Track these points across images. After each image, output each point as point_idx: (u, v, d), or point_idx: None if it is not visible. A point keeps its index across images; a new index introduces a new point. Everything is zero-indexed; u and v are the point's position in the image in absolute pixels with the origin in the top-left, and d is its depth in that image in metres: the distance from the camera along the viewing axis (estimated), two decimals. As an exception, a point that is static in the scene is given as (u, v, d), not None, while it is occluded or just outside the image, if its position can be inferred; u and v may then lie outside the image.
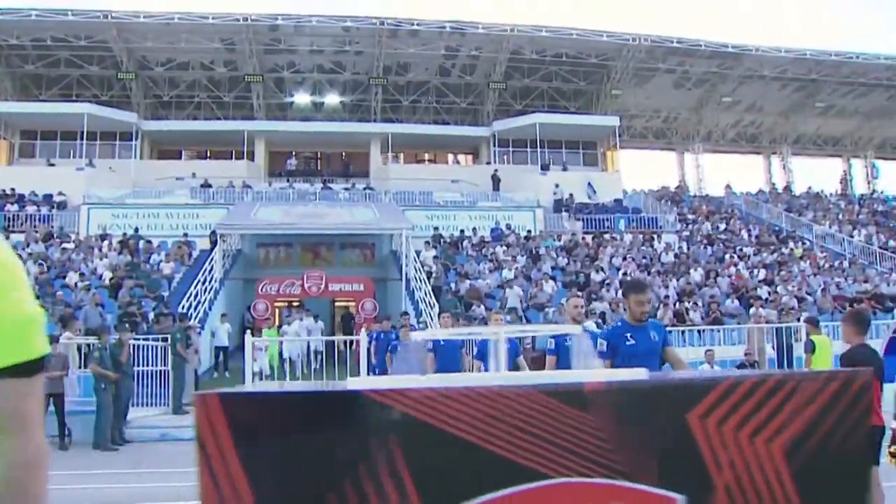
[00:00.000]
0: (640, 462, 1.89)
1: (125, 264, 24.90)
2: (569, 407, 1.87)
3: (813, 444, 1.91)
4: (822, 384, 1.94)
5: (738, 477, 1.89)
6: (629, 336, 6.01)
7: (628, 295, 6.21)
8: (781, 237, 32.87)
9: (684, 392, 1.97)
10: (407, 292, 24.27)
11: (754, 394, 1.91)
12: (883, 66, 41.10)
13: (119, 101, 38.17)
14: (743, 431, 1.90)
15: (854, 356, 6.02)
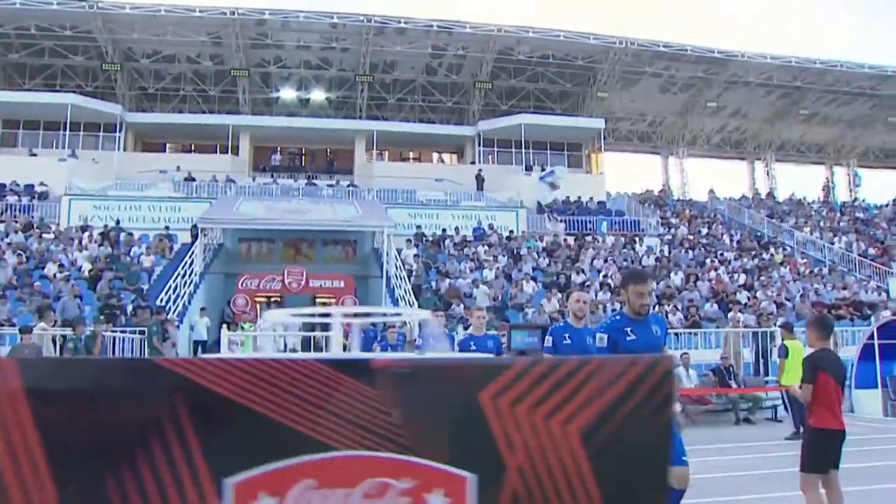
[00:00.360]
0: (430, 439, 1.88)
1: (105, 256, 24.74)
2: (356, 381, 1.88)
3: (611, 428, 1.89)
4: (624, 368, 1.93)
5: (532, 458, 1.88)
6: (629, 330, 5.44)
7: (627, 285, 5.57)
8: (763, 243, 33.03)
9: (477, 372, 1.96)
10: (388, 290, 24.25)
11: (550, 375, 1.90)
12: (866, 76, 41.45)
13: (104, 92, 37.96)
14: (537, 413, 1.88)
15: (816, 360, 6.06)
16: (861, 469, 8.94)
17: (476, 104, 40.43)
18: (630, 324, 5.50)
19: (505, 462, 1.88)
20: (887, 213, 40.16)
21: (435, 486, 1.88)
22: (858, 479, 8.25)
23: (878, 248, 32.94)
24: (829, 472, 5.89)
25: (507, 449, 1.88)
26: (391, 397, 1.89)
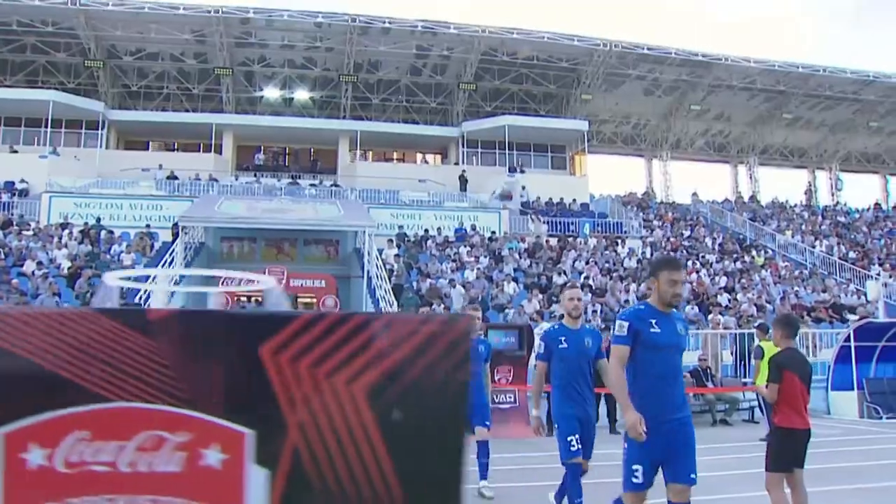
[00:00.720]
0: (206, 392, 1.84)
1: (85, 254, 24.61)
2: (133, 332, 1.83)
3: (401, 387, 1.86)
4: (415, 327, 1.88)
5: (315, 415, 1.84)
6: (654, 322, 4.87)
7: (659, 272, 4.97)
8: (745, 245, 33.17)
9: (258, 325, 1.92)
10: (368, 290, 24.22)
11: (336, 331, 1.85)
12: (849, 81, 41.69)
13: (86, 89, 37.77)
14: (320, 369, 1.84)
15: (782, 360, 6.08)
16: (832, 469, 8.99)
17: (460, 105, 40.44)
18: (656, 315, 4.95)
19: (285, 419, 1.83)
20: (868, 217, 40.43)
21: (212, 441, 1.83)
22: (830, 479, 8.30)
23: (858, 251, 33.15)
24: (794, 471, 5.90)
25: (287, 406, 1.83)
26: (168, 348, 1.83)
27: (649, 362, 4.84)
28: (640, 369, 4.85)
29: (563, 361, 6.48)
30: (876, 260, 31.80)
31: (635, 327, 4.86)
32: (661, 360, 4.87)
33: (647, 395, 4.78)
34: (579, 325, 6.63)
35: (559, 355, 6.48)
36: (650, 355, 4.84)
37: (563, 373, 6.48)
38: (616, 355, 4.87)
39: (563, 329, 6.64)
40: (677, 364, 5.04)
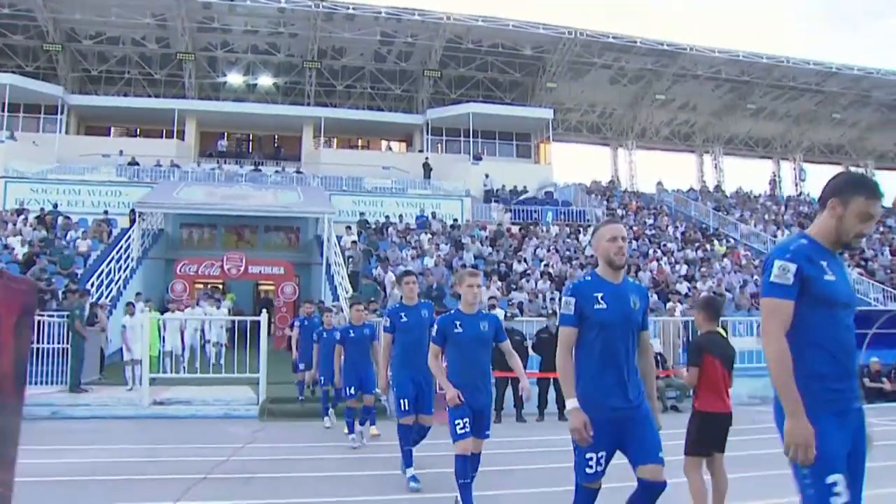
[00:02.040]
0: None
1: (39, 240, 24.25)
2: None
3: None
4: None
5: None
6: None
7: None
8: (708, 235, 33.30)
9: None
10: (327, 277, 24.08)
11: None
12: (812, 72, 42.04)
13: (45, 73, 37.26)
14: None
15: (702, 344, 6.03)
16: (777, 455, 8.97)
17: (425, 92, 40.29)
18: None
19: None
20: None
21: None
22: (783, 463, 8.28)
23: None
24: (714, 456, 5.85)
25: None
26: None
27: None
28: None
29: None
30: (836, 250, 32.03)
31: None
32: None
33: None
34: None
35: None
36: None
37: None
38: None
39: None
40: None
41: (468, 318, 6.40)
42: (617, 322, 4.29)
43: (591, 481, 4.42)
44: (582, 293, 4.34)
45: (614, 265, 4.37)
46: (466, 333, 6.32)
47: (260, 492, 7.42)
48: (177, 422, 12.92)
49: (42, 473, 8.21)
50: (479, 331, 6.39)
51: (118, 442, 10.63)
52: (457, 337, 6.36)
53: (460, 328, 6.38)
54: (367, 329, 10.24)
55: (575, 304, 4.32)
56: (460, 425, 6.05)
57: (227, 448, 9.87)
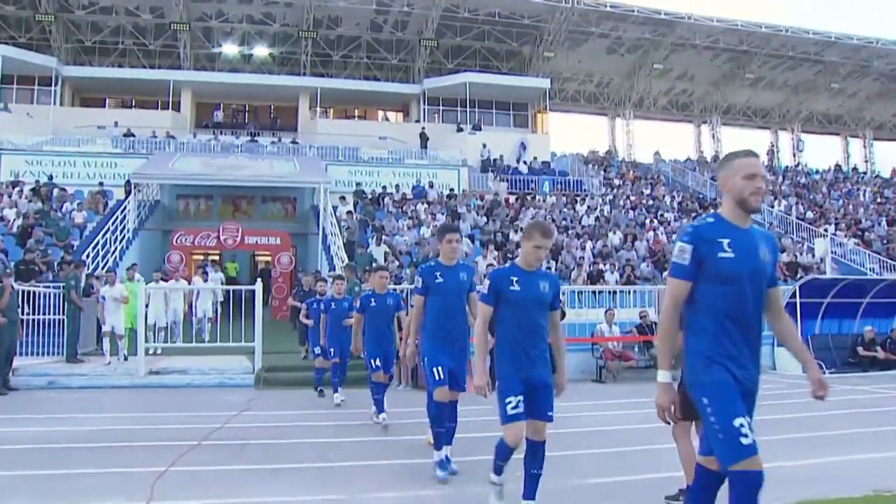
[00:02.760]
0: None
1: (35, 212, 24.18)
2: None
3: None
4: None
5: None
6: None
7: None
8: (705, 205, 33.25)
9: None
10: (324, 247, 24.07)
11: None
12: (811, 41, 41.86)
13: (38, 44, 36.92)
14: None
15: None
16: (771, 421, 9.01)
17: (421, 62, 40.06)
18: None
19: None
20: (829, 178, 40.75)
21: None
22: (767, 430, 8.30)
23: (816, 211, 33.37)
24: (703, 420, 5.85)
25: None
26: None
27: None
28: None
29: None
30: (833, 220, 32.03)
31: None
32: None
33: None
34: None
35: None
36: None
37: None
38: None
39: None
40: None
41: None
42: (745, 275, 3.73)
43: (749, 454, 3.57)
44: (703, 238, 3.75)
45: (748, 207, 3.82)
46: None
47: (254, 458, 7.46)
48: (172, 391, 12.99)
49: (34, 441, 8.28)
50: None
51: (113, 410, 10.70)
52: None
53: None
54: (391, 298, 9.46)
55: (693, 252, 3.73)
56: (512, 404, 5.07)
57: (222, 416, 9.93)
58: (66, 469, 6.87)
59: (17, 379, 13.22)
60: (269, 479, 6.52)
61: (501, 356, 5.20)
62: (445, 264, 6.88)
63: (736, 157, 3.89)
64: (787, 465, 6.45)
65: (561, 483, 5.08)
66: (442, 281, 6.77)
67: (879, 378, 15.62)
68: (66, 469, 6.87)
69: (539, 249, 5.21)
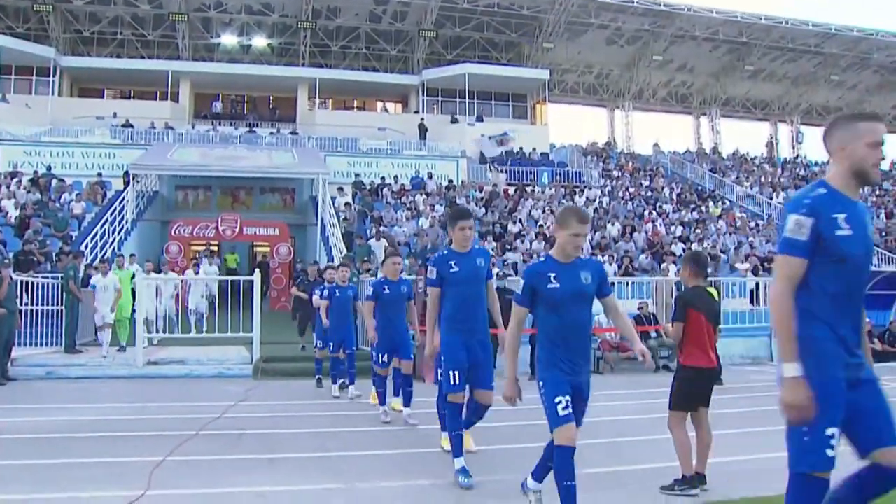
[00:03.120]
0: None
1: (33, 203, 24.17)
2: None
3: None
4: None
5: None
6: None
7: None
8: (704, 196, 33.28)
9: None
10: (322, 238, 24.08)
11: None
12: (811, 33, 41.80)
13: (36, 34, 36.85)
14: None
15: (688, 298, 6.01)
16: (768, 412, 9.03)
17: (420, 53, 40.01)
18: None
19: None
20: (827, 170, 40.69)
21: None
22: (762, 421, 8.36)
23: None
24: (699, 410, 5.86)
25: None
26: None
27: None
28: None
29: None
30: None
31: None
32: None
33: None
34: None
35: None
36: None
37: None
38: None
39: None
40: None
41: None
42: (861, 254, 3.34)
43: (826, 468, 3.21)
44: (821, 212, 3.23)
45: (868, 179, 3.37)
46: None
47: (251, 447, 7.47)
48: (171, 381, 12.98)
49: (32, 430, 8.29)
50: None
51: (111, 401, 10.70)
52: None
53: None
54: (405, 286, 9.14)
55: (813, 227, 3.22)
56: (563, 404, 4.58)
57: (220, 406, 9.93)
58: (64, 458, 6.89)
59: (16, 369, 13.21)
60: (267, 469, 6.54)
61: (543, 357, 4.73)
62: (459, 252, 6.40)
63: (861, 120, 3.35)
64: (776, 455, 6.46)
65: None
66: (457, 270, 6.31)
67: (877, 370, 15.64)
68: (64, 458, 6.89)
69: (577, 237, 4.70)
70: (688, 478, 5.70)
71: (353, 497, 5.65)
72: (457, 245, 6.45)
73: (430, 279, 6.50)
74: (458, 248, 6.44)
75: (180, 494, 5.71)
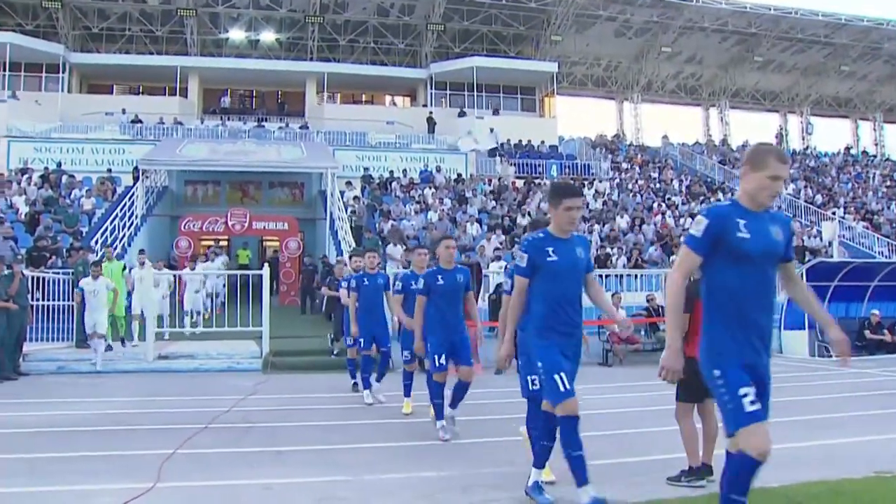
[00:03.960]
0: None
1: (44, 199, 24.30)
2: None
3: None
4: None
5: None
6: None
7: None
8: (713, 188, 33.19)
9: None
10: (331, 232, 24.12)
11: None
12: (821, 24, 41.57)
13: (45, 31, 36.92)
14: None
15: (693, 288, 5.94)
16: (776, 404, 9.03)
17: (428, 46, 39.95)
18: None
19: None
20: (837, 162, 40.58)
21: None
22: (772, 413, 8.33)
23: (825, 194, 33.27)
24: (705, 402, 5.85)
25: None
26: None
27: None
28: None
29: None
30: (842, 203, 31.93)
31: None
32: None
33: None
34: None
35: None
36: None
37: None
38: None
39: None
40: None
41: None
42: None
43: None
44: None
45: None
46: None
47: (259, 440, 7.54)
48: (180, 375, 13.07)
49: (42, 424, 8.37)
50: None
51: (121, 395, 10.79)
52: None
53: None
54: (461, 274, 7.87)
55: None
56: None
57: (230, 399, 10.00)
58: (75, 452, 6.96)
59: (28, 364, 13.34)
60: (274, 462, 6.60)
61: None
62: (558, 236, 5.23)
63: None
64: (790, 446, 6.45)
65: (564, 463, 5.11)
66: (555, 259, 5.16)
67: (886, 361, 15.60)
68: (75, 452, 6.96)
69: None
70: (695, 469, 5.72)
71: (359, 489, 5.68)
72: (557, 228, 5.25)
73: (519, 267, 5.32)
74: (557, 231, 5.26)
75: (189, 486, 5.76)
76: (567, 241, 5.22)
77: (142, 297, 15.40)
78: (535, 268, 5.17)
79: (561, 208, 5.13)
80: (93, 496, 5.48)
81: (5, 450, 7.04)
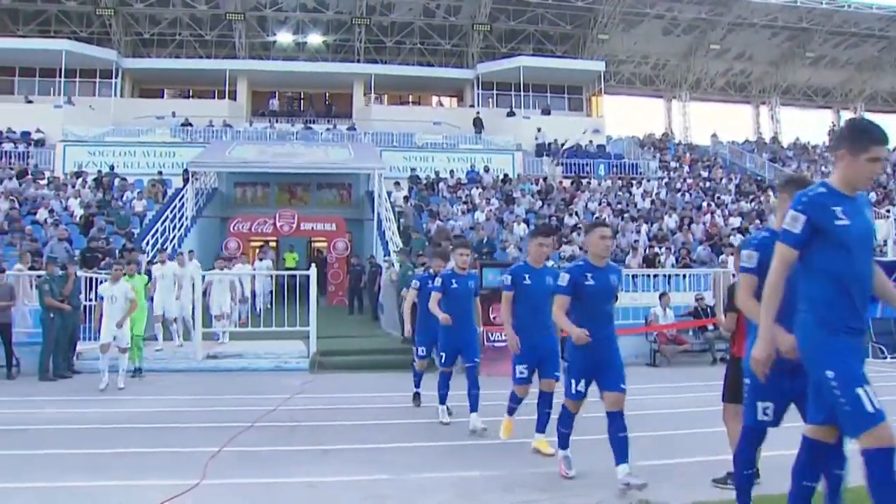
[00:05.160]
0: None
1: (97, 202, 24.78)
2: None
3: None
4: None
5: None
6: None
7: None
8: (763, 187, 32.71)
9: None
10: (379, 232, 24.23)
11: None
12: (875, 17, 40.71)
13: (99, 37, 37.61)
14: None
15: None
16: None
17: (475, 47, 39.92)
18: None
19: None
20: (893, 158, 39.70)
21: None
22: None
23: (880, 192, 32.59)
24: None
25: None
26: None
27: None
28: None
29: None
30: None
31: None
32: None
33: None
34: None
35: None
36: None
37: None
38: None
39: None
40: None
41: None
42: None
43: None
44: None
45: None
46: None
47: (304, 438, 7.60)
48: (228, 374, 13.20)
49: (94, 421, 8.54)
50: None
51: (170, 393, 10.95)
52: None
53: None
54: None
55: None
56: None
57: (276, 398, 10.07)
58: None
59: (81, 362, 13.56)
60: (319, 460, 6.65)
61: None
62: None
63: None
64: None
65: (609, 464, 5.09)
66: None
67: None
68: (124, 448, 7.10)
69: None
70: (741, 471, 5.63)
71: (402, 487, 5.71)
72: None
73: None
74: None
75: (234, 484, 5.83)
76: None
77: (181, 297, 15.38)
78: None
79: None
80: (141, 491, 5.59)
81: (63, 445, 7.25)
